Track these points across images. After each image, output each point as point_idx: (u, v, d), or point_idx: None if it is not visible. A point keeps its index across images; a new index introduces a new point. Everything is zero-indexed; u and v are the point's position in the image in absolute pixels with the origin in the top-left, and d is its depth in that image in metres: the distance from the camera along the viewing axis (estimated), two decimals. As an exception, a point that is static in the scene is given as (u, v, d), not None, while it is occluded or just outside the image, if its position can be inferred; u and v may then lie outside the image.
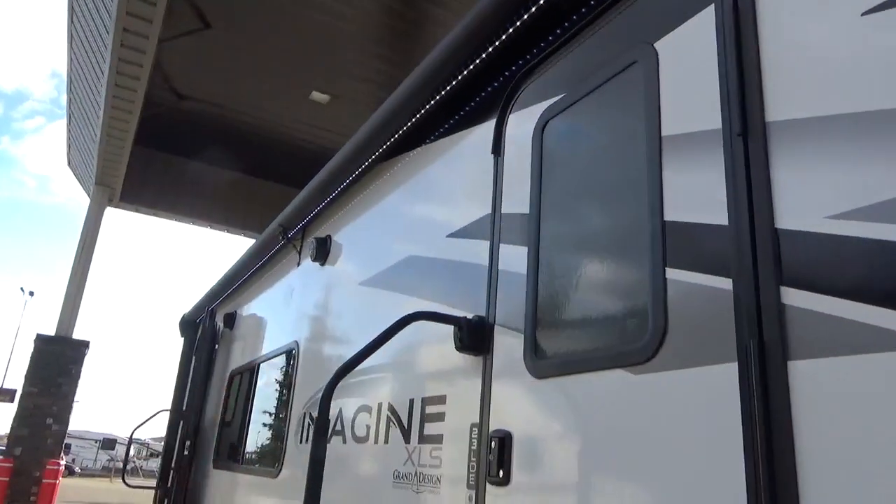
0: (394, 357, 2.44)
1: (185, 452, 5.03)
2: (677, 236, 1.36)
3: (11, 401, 54.60)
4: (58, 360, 11.20)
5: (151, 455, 54.33)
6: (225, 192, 13.67)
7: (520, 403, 1.71)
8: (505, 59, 2.23)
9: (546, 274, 1.74)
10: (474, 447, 1.85)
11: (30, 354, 11.06)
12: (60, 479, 10.61)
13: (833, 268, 1.07)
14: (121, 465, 44.61)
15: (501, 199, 2.04)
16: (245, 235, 14.60)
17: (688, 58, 1.45)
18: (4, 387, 49.66)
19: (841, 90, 1.13)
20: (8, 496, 10.04)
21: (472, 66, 2.32)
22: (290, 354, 3.62)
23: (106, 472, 42.55)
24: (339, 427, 2.79)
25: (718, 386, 1.19)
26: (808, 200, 1.13)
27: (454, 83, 2.42)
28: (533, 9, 2.02)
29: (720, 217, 1.27)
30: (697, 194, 1.34)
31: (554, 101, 1.88)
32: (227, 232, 14.56)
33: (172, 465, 6.29)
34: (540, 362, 1.67)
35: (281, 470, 3.35)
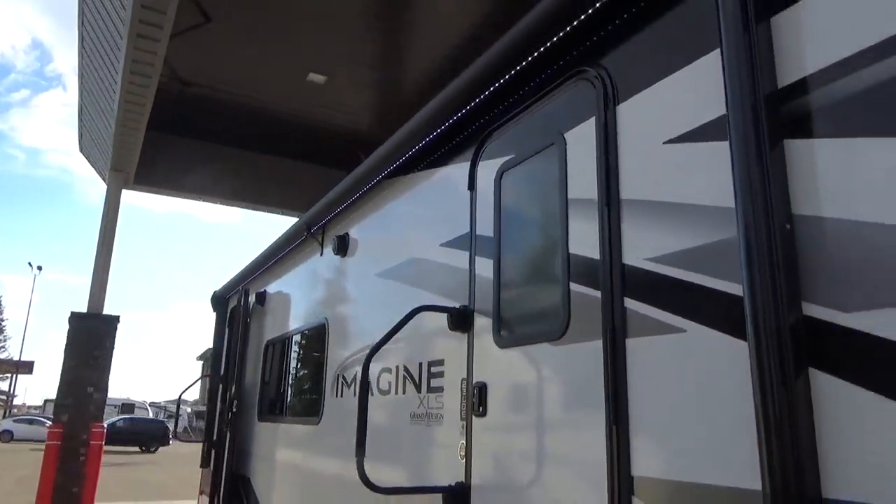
0: (406, 333, 3.36)
1: (234, 410, 6.03)
2: (575, 263, 2.26)
3: (30, 372, 55.39)
4: (92, 335, 12.21)
5: (169, 417, 56.23)
6: (231, 168, 14.49)
7: (490, 364, 2.64)
8: (475, 116, 3.08)
9: (505, 279, 2.65)
10: (464, 393, 2.79)
11: (66, 331, 12.06)
12: (104, 440, 11.70)
13: (643, 287, 1.97)
14: (141, 427, 46.44)
15: (476, 223, 2.93)
16: (252, 209, 15.49)
17: (582, 148, 2.33)
18: (22, 359, 51.01)
19: (651, 185, 2.01)
20: (61, 457, 11.16)
21: (452, 119, 3.17)
22: (322, 329, 4.55)
23: (127, 434, 43.87)
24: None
25: (595, 353, 2.11)
26: (637, 248, 2.03)
27: (441, 129, 3.28)
28: (492, 88, 2.86)
29: (595, 253, 2.17)
30: (585, 238, 2.23)
31: (507, 159, 2.76)
32: (234, 206, 15.43)
33: (216, 421, 7.34)
34: (501, 338, 2.59)
35: (322, 417, 4.32)
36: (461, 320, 2.84)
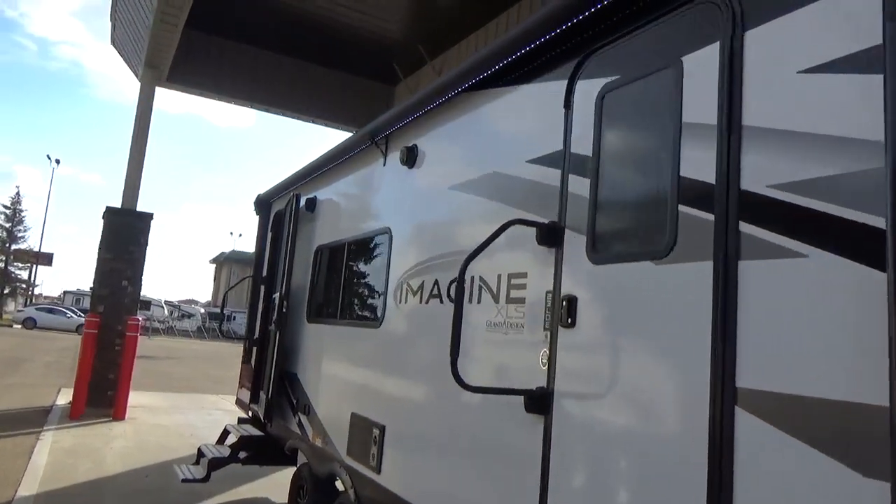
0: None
1: (284, 310, 6.25)
2: (685, 185, 2.32)
3: (50, 264, 57.15)
4: (127, 230, 12.46)
5: (183, 316, 57.80)
6: (263, 71, 14.34)
7: (582, 279, 2.75)
8: (575, 33, 3.06)
9: (602, 198, 2.72)
10: (548, 305, 2.92)
11: (102, 225, 12.31)
12: (139, 332, 12.11)
13: (764, 213, 2.04)
14: (156, 324, 47.96)
15: (570, 141, 2.98)
16: (283, 114, 15.41)
17: (702, 73, 2.34)
18: (43, 251, 52.20)
19: (779, 114, 2.04)
20: (98, 346, 11.62)
21: (548, 35, 3.15)
22: (385, 237, 4.67)
23: (144, 331, 45.06)
24: (435, 292, 3.88)
25: (703, 272, 2.20)
26: (759, 174, 2.08)
27: (535, 44, 3.25)
28: (599, 5, 2.84)
29: (710, 177, 2.23)
30: (699, 162, 2.29)
31: (612, 79, 2.77)
32: (265, 111, 15.33)
33: (258, 320, 7.61)
34: (596, 254, 2.69)
35: (382, 322, 4.50)
36: (551, 235, 2.94)
